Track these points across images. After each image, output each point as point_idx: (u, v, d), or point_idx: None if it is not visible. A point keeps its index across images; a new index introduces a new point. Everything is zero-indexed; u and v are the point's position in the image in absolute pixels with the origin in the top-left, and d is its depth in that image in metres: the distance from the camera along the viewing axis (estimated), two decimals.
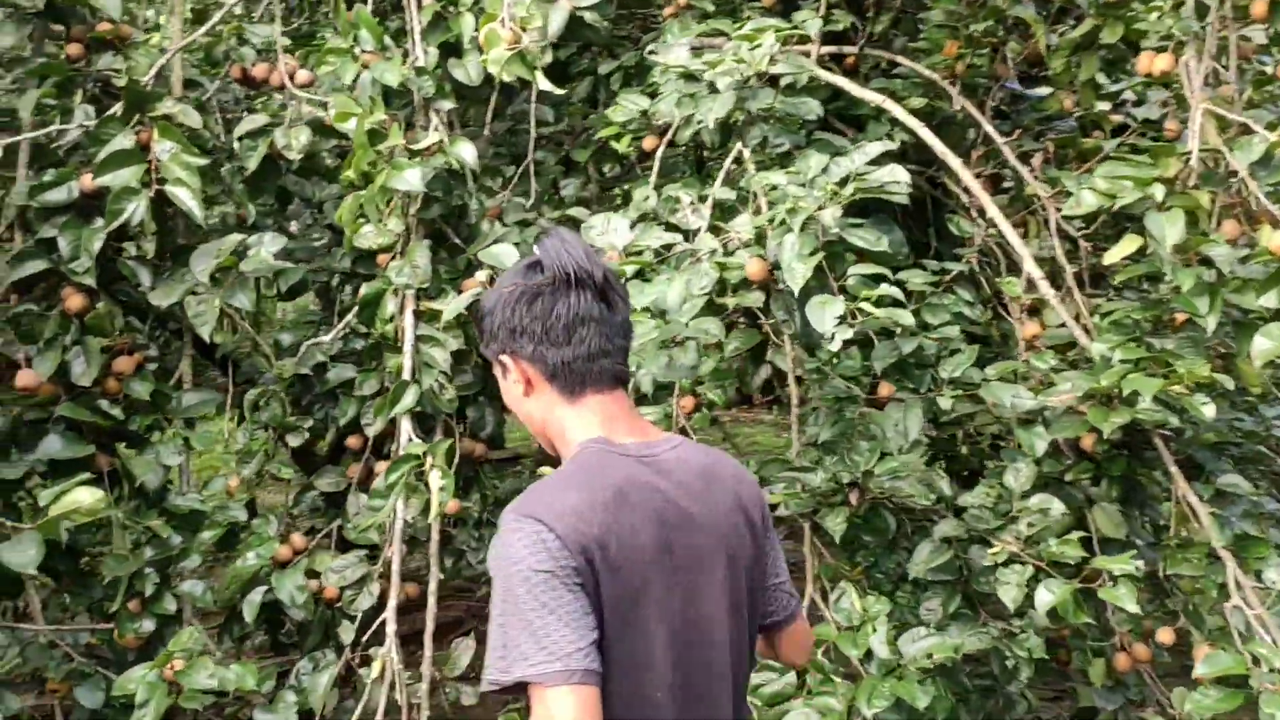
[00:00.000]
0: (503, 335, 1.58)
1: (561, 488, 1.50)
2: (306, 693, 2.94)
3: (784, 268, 2.29)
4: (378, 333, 3.11)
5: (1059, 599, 2.39)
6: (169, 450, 3.00)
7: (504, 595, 1.43)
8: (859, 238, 2.34)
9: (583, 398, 1.56)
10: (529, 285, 1.56)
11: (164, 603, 2.85)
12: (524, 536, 1.42)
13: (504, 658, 1.40)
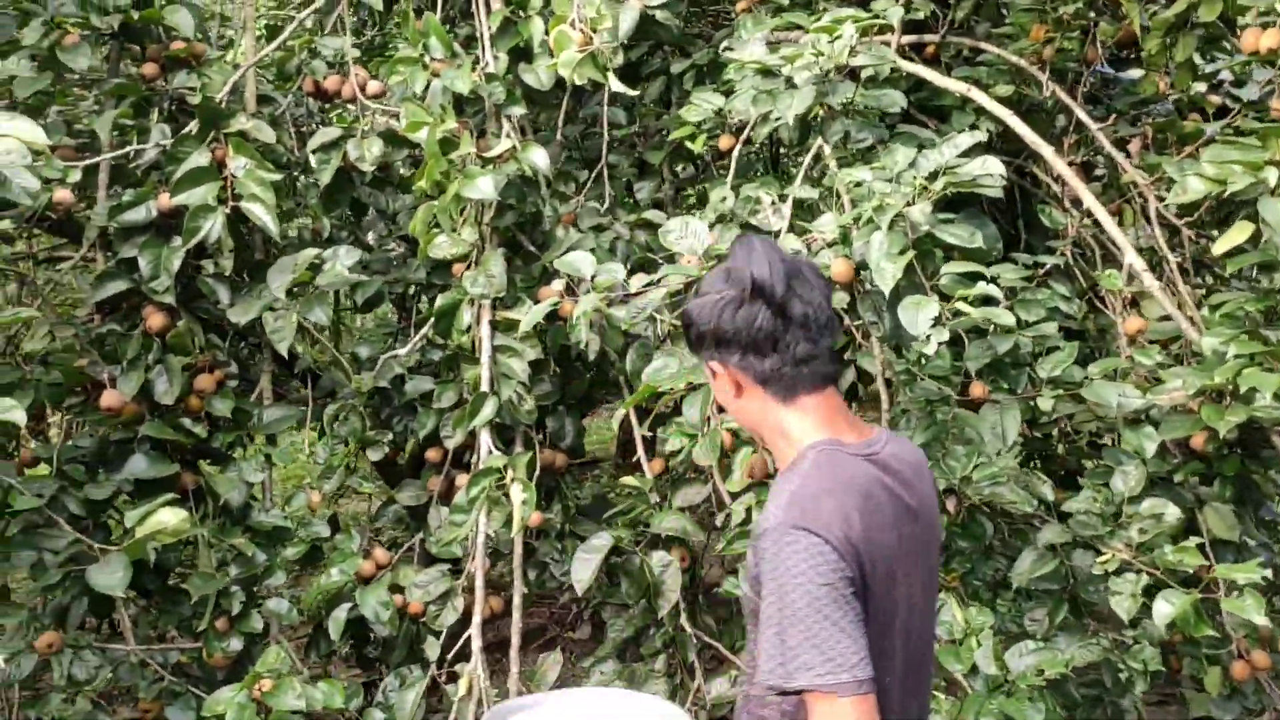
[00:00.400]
0: (709, 343, 1.62)
1: (816, 493, 1.54)
2: (394, 710, 2.91)
3: (873, 268, 2.19)
4: (454, 344, 3.07)
5: (1179, 611, 2.26)
6: (251, 467, 3.00)
7: (781, 605, 1.48)
8: (951, 234, 2.23)
9: (797, 400, 1.61)
10: (729, 295, 1.59)
11: (251, 621, 2.84)
12: (801, 550, 1.48)
13: (784, 665, 1.47)
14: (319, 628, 3.14)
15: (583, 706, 1.88)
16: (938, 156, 2.26)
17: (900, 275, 2.14)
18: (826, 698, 1.46)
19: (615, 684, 3.05)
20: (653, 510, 3.04)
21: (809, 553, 1.49)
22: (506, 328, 3.02)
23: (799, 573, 1.48)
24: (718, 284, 1.63)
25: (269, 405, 3.15)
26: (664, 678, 3.04)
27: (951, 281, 2.21)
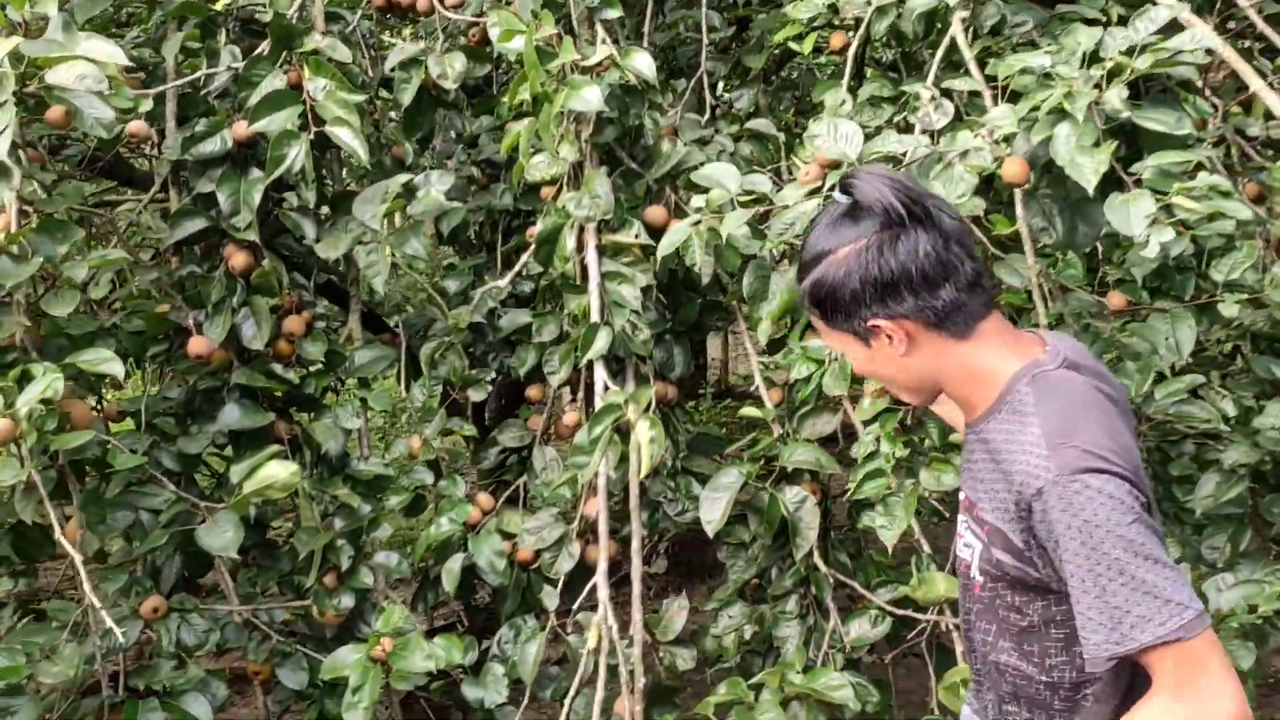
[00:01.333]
0: (870, 299, 1.44)
1: (1071, 424, 1.39)
2: (513, 663, 2.74)
3: (1065, 164, 1.92)
4: (557, 272, 2.84)
5: None
6: (348, 413, 2.80)
7: (1094, 563, 1.34)
8: (1154, 120, 1.95)
9: (975, 330, 1.46)
10: (872, 235, 1.43)
11: (360, 576, 2.67)
12: (1096, 493, 1.33)
13: (1116, 627, 1.33)
14: (426, 579, 2.97)
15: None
16: (1130, 33, 1.97)
17: (1104, 169, 1.87)
18: (1174, 647, 1.31)
19: (745, 627, 2.86)
20: (778, 443, 2.82)
21: (1105, 493, 1.33)
22: (614, 252, 2.78)
23: (1104, 519, 1.32)
24: (844, 232, 1.46)
25: (360, 347, 2.94)
26: (796, 619, 2.84)
27: (1156, 175, 1.94)
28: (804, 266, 1.52)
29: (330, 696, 2.63)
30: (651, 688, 2.85)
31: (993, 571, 1.50)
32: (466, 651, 2.74)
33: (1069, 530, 1.34)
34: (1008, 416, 1.46)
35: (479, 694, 2.67)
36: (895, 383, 1.57)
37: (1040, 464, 1.37)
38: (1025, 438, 1.41)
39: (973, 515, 1.54)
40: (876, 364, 1.53)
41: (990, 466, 1.48)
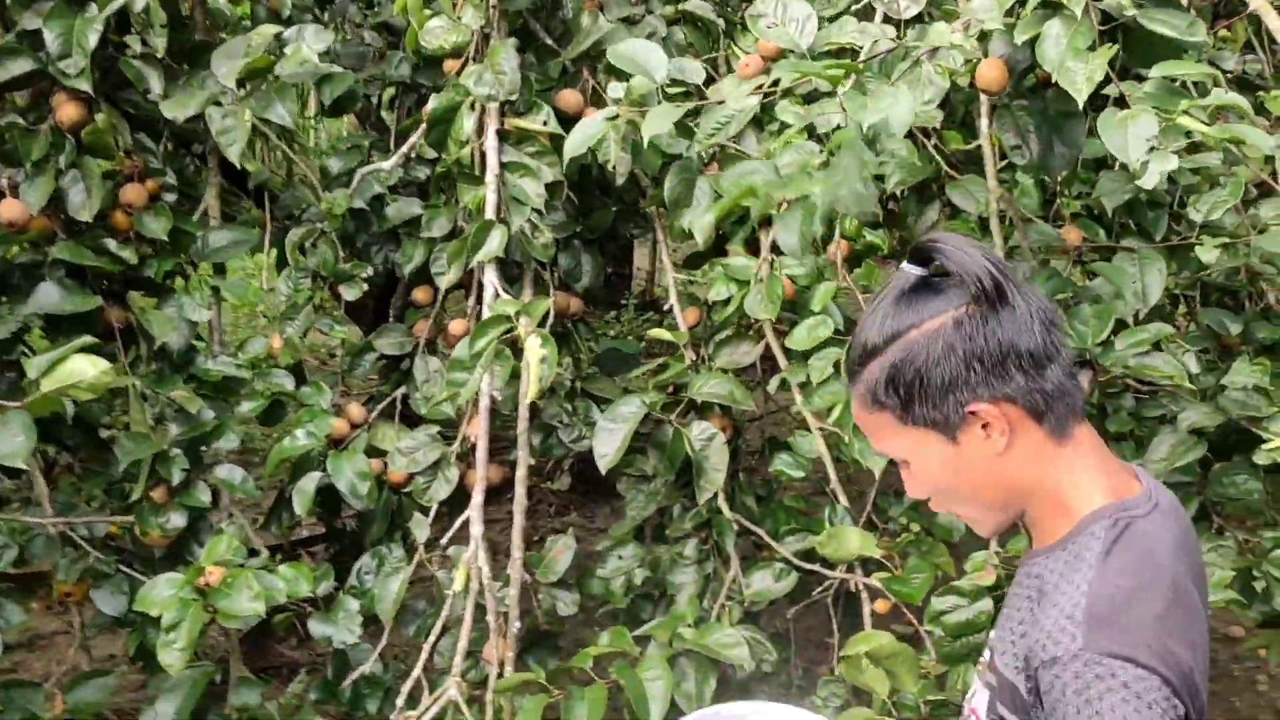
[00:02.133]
0: (974, 378, 1.18)
1: (1131, 596, 1.14)
2: (371, 598, 2.43)
3: (1052, 69, 1.60)
4: (450, 158, 2.46)
5: None
6: (194, 303, 2.40)
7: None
8: (1162, 23, 1.63)
9: (1071, 435, 1.22)
10: (969, 306, 1.19)
11: (196, 492, 2.30)
12: (1122, 690, 1.08)
13: None
14: (280, 498, 2.62)
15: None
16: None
17: (1098, 77, 1.55)
18: None
19: (636, 571, 2.58)
20: (689, 371, 2.51)
21: (1132, 691, 1.08)
22: (518, 140, 2.40)
23: (1113, 711, 1.06)
24: (927, 304, 1.21)
25: (216, 227, 2.53)
26: (694, 566, 2.57)
27: (1160, 89, 1.62)
28: (869, 353, 1.25)
29: (155, 626, 2.28)
30: (527, 632, 2.56)
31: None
32: (319, 582, 2.41)
33: (1076, 712, 1.10)
34: (1067, 559, 1.22)
35: (327, 630, 2.35)
36: (978, 496, 1.27)
37: (1069, 629, 1.13)
38: (1068, 591, 1.18)
39: (990, 664, 1.30)
40: (962, 468, 1.24)
41: (1024, 609, 1.25)
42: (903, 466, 1.29)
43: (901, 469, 1.30)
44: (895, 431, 1.25)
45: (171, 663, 1.98)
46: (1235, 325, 2.50)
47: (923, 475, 1.27)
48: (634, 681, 2.21)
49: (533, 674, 2.21)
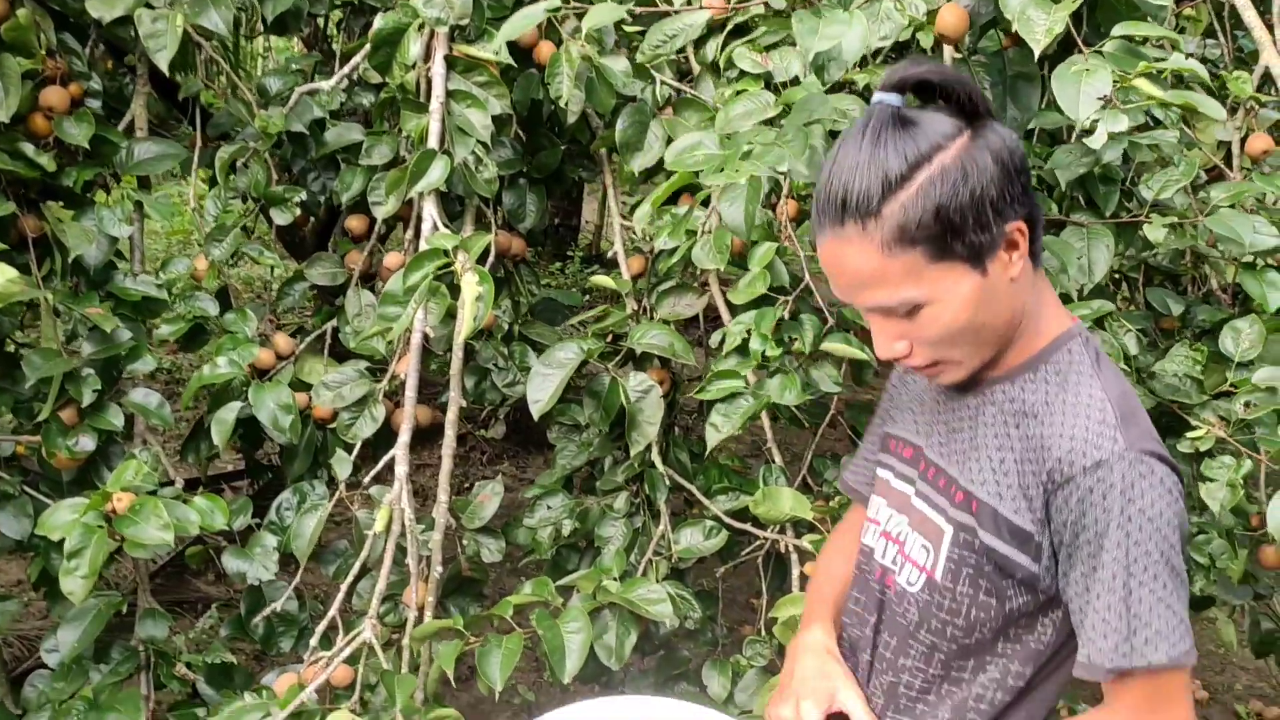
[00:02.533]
0: (1012, 194, 1.14)
1: (1136, 403, 1.22)
2: (289, 535, 2.35)
3: (1013, 17, 1.55)
4: (395, 83, 2.35)
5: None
6: (116, 216, 2.28)
7: (1131, 560, 1.15)
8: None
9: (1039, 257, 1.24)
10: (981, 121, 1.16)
11: (107, 415, 2.20)
12: (1158, 485, 1.15)
13: (1130, 638, 1.16)
14: (199, 427, 2.52)
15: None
16: None
17: (1058, 30, 1.51)
18: (1171, 674, 1.17)
19: (564, 522, 2.53)
20: (630, 320, 2.45)
21: (1166, 486, 1.15)
22: (467, 68, 2.30)
23: (1158, 513, 1.14)
24: (928, 131, 1.14)
25: (143, 139, 2.40)
26: (623, 519, 2.52)
27: (1120, 49, 1.59)
28: (891, 186, 1.13)
29: (58, 551, 2.18)
30: (450, 578, 2.50)
31: (969, 560, 1.26)
32: (236, 515, 2.34)
33: (1120, 515, 1.14)
34: (1052, 378, 1.24)
35: (242, 566, 2.27)
36: (982, 334, 1.21)
37: (1108, 432, 1.16)
38: (1085, 401, 1.20)
39: (948, 493, 1.30)
40: (985, 300, 1.18)
41: (1004, 434, 1.26)
42: (898, 319, 1.20)
43: (888, 324, 1.21)
44: (920, 273, 1.15)
45: (73, 590, 1.89)
46: (1177, 306, 2.49)
47: (943, 318, 1.18)
48: (553, 632, 2.16)
49: (451, 621, 2.16)
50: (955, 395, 1.34)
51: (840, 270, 1.18)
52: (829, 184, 1.16)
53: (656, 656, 2.60)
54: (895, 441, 1.43)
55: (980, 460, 1.27)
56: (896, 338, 1.22)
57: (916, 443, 1.39)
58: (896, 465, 1.42)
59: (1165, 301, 2.49)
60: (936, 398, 1.37)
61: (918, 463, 1.38)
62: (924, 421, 1.38)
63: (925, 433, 1.37)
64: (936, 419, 1.36)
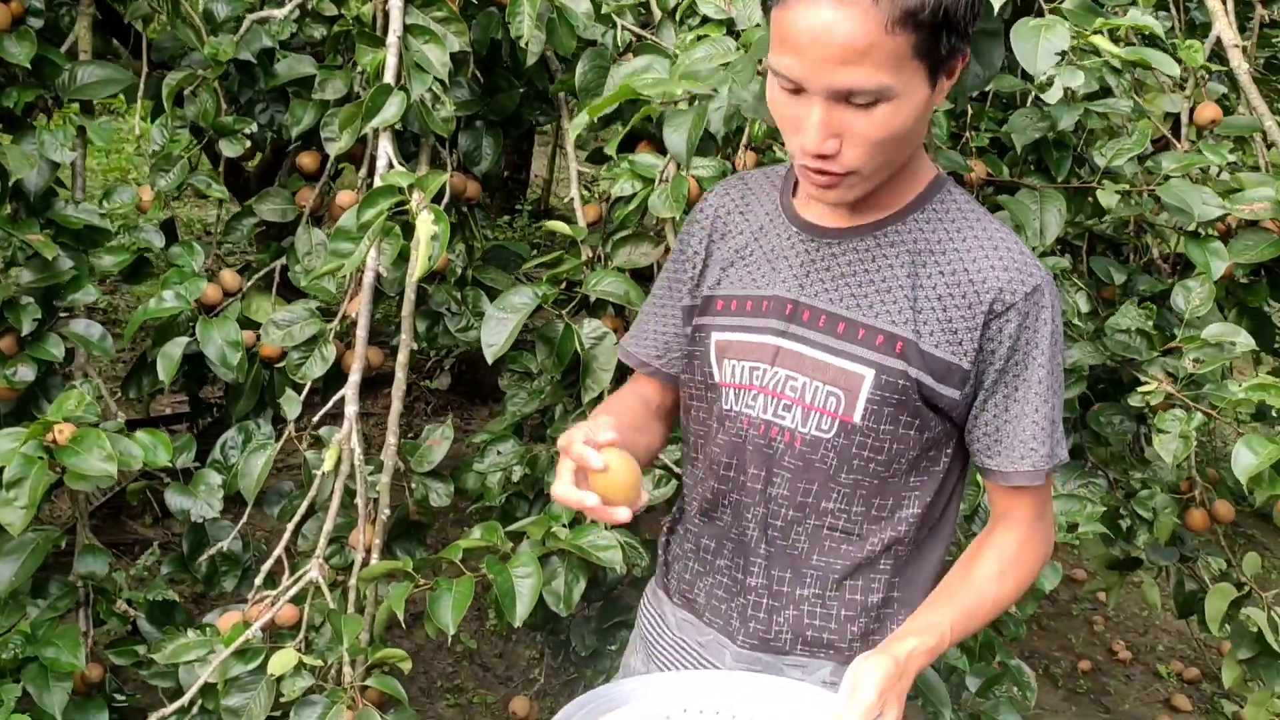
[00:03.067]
0: (971, 19, 1.16)
1: None
2: (234, 474, 2.31)
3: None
4: (350, 15, 2.30)
5: (1263, 462, 1.83)
6: (57, 141, 2.21)
7: (1051, 368, 1.31)
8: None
9: None
10: None
11: (47, 345, 2.14)
12: (1057, 304, 1.32)
13: (1051, 440, 1.32)
14: (142, 362, 2.46)
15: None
16: None
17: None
18: (1053, 474, 1.37)
19: (515, 468, 2.52)
20: (585, 267, 2.44)
21: (1059, 306, 1.32)
22: (425, 3, 2.26)
23: (1061, 330, 1.31)
24: None
25: (86, 62, 2.32)
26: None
27: (1080, 6, 1.60)
28: None
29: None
30: (396, 522, 2.49)
31: (892, 399, 1.31)
32: (179, 453, 2.29)
33: (1047, 331, 1.28)
34: (945, 217, 1.32)
35: (185, 503, 2.24)
36: (901, 153, 1.24)
37: (1031, 259, 1.29)
38: (998, 235, 1.30)
39: (857, 338, 1.32)
40: (922, 115, 1.20)
41: (913, 272, 1.31)
42: (846, 110, 1.17)
43: (833, 114, 1.17)
44: (902, 63, 1.14)
45: (11, 522, 1.84)
46: (1120, 275, 2.55)
47: (895, 120, 1.17)
48: (504, 577, 2.16)
49: (401, 563, 2.15)
50: (835, 241, 1.35)
51: (826, 40, 1.12)
52: None
53: (598, 605, 2.62)
54: (737, 301, 1.42)
55: (889, 300, 1.30)
56: (832, 133, 1.18)
57: (784, 295, 1.37)
58: (748, 322, 1.40)
59: (1108, 270, 2.54)
60: (804, 247, 1.37)
61: (789, 314, 1.36)
62: (789, 273, 1.38)
63: (797, 285, 1.36)
64: (811, 268, 1.36)
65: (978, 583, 1.35)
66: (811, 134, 1.18)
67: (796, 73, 1.16)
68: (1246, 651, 2.62)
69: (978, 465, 1.40)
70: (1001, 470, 1.33)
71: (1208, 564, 2.91)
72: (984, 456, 1.36)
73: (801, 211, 1.41)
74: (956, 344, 1.29)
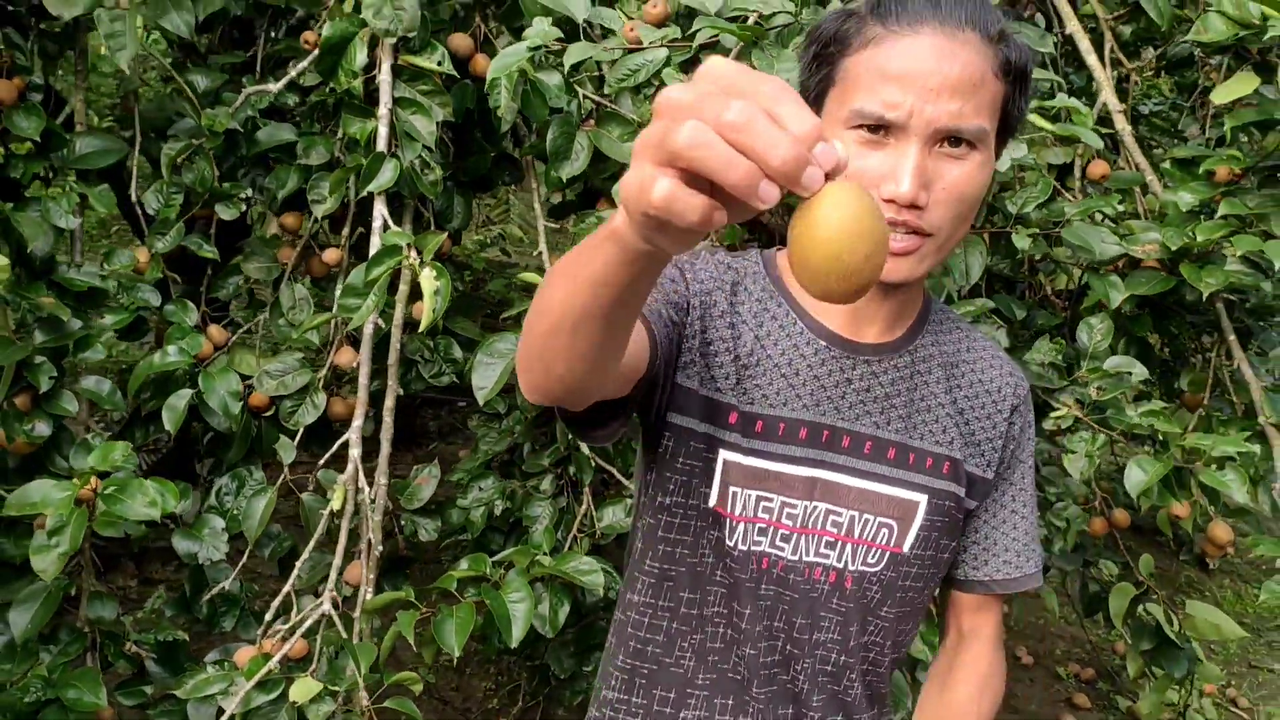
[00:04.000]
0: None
1: None
2: (231, 515, 2.44)
3: None
4: (341, 88, 2.48)
5: (1151, 479, 2.15)
6: (61, 209, 2.33)
7: (1032, 467, 1.27)
8: (1017, 32, 1.91)
9: None
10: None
11: (62, 401, 2.25)
12: None
13: (1036, 544, 1.26)
14: (137, 415, 2.58)
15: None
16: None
17: None
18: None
19: (497, 502, 2.71)
20: None
21: None
22: (412, 77, 2.46)
23: None
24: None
25: (83, 133, 2.45)
26: (549, 500, 2.72)
27: None
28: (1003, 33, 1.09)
29: (6, 535, 2.23)
30: (385, 557, 2.64)
31: (940, 523, 1.22)
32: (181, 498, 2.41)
33: (1031, 432, 1.25)
34: (946, 326, 1.27)
35: (192, 547, 2.36)
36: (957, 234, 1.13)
37: (1016, 366, 1.29)
38: (983, 342, 1.29)
39: (908, 463, 1.21)
40: (983, 187, 1.11)
41: (948, 385, 1.23)
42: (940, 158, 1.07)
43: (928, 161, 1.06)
44: (993, 112, 1.08)
45: (45, 568, 1.95)
46: (1021, 310, 2.88)
47: (979, 177, 1.08)
48: (499, 602, 2.34)
49: (404, 593, 2.31)
50: (873, 358, 1.21)
51: (949, 63, 1.03)
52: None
53: (576, 628, 2.81)
54: (757, 420, 1.19)
55: (930, 419, 1.21)
56: (925, 182, 1.06)
57: (820, 421, 1.19)
58: (772, 448, 1.19)
59: (1010, 306, 2.87)
60: (837, 365, 1.20)
61: (827, 441, 1.19)
62: (821, 395, 1.19)
63: (834, 408, 1.19)
64: (848, 389, 1.20)
65: (961, 707, 1.30)
66: (907, 178, 1.04)
67: (899, 105, 1.04)
68: (1147, 644, 2.94)
69: (957, 578, 1.31)
70: (991, 579, 1.26)
71: (1102, 567, 3.26)
72: (971, 567, 1.28)
73: (823, 319, 1.22)
74: (980, 455, 1.23)
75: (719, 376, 1.19)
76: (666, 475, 1.21)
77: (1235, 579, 5.91)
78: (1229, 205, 2.33)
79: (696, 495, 1.20)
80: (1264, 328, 2.72)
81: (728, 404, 1.19)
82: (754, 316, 1.21)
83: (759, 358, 1.20)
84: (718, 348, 1.19)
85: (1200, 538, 2.62)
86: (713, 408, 1.19)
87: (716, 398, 1.19)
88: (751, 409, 1.18)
